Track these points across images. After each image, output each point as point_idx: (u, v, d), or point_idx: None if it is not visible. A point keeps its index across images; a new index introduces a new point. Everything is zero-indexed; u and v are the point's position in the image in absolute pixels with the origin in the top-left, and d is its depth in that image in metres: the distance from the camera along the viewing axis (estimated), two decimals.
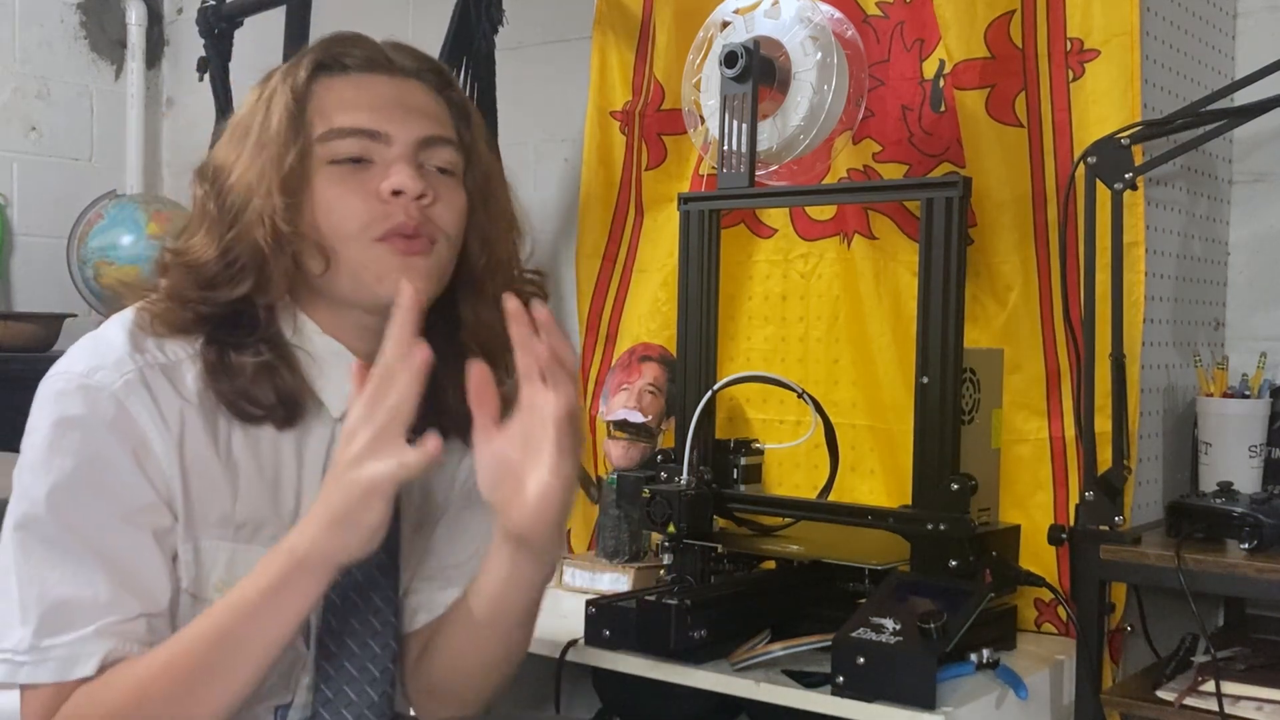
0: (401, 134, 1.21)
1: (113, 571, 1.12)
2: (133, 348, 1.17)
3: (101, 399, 1.13)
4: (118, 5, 3.37)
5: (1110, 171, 1.55)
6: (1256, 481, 1.72)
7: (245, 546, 1.19)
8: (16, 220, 3.17)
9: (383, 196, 1.19)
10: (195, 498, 1.17)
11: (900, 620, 1.41)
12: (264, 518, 1.20)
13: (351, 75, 1.24)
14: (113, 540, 1.13)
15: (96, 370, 1.14)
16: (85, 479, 1.12)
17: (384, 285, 1.19)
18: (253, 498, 1.20)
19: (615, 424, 2.02)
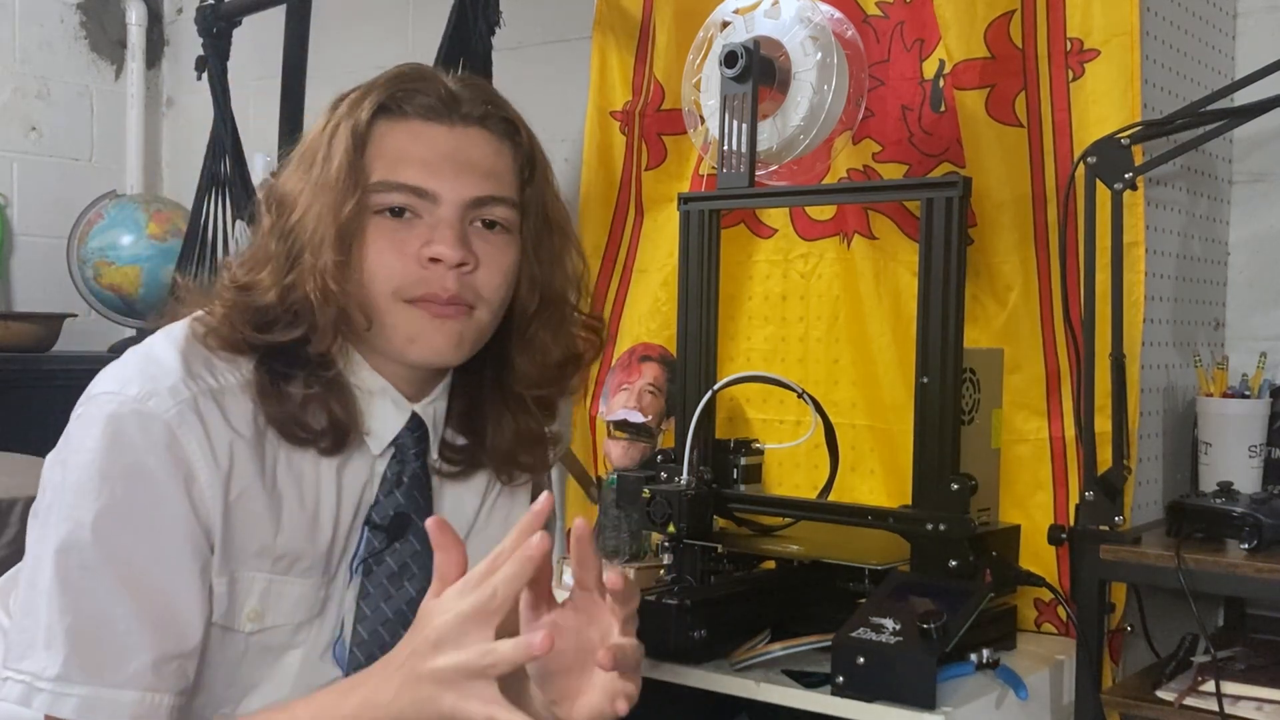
0: (451, 194, 1.18)
1: (151, 609, 1.10)
2: (186, 373, 1.13)
3: (155, 427, 1.10)
4: (118, 5, 3.37)
5: (1110, 171, 1.55)
6: (1256, 481, 1.72)
7: (281, 578, 1.18)
8: (16, 220, 3.17)
9: (421, 261, 1.17)
10: (237, 530, 1.14)
11: (900, 620, 1.41)
12: (301, 550, 1.19)
13: (411, 122, 1.19)
14: (156, 575, 1.10)
15: (151, 396, 1.11)
16: (134, 509, 1.10)
17: (415, 347, 1.19)
18: (293, 530, 1.18)
19: (615, 424, 2.02)
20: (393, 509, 1.24)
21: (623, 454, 2.01)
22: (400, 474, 1.25)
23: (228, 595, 1.15)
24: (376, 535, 1.23)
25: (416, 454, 1.26)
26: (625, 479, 1.87)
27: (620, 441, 2.01)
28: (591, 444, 2.23)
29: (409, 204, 1.17)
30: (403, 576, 1.25)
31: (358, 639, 1.23)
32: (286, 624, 1.20)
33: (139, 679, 1.09)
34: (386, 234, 1.17)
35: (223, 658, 1.17)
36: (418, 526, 1.24)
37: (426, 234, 1.17)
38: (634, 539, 1.96)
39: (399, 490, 1.25)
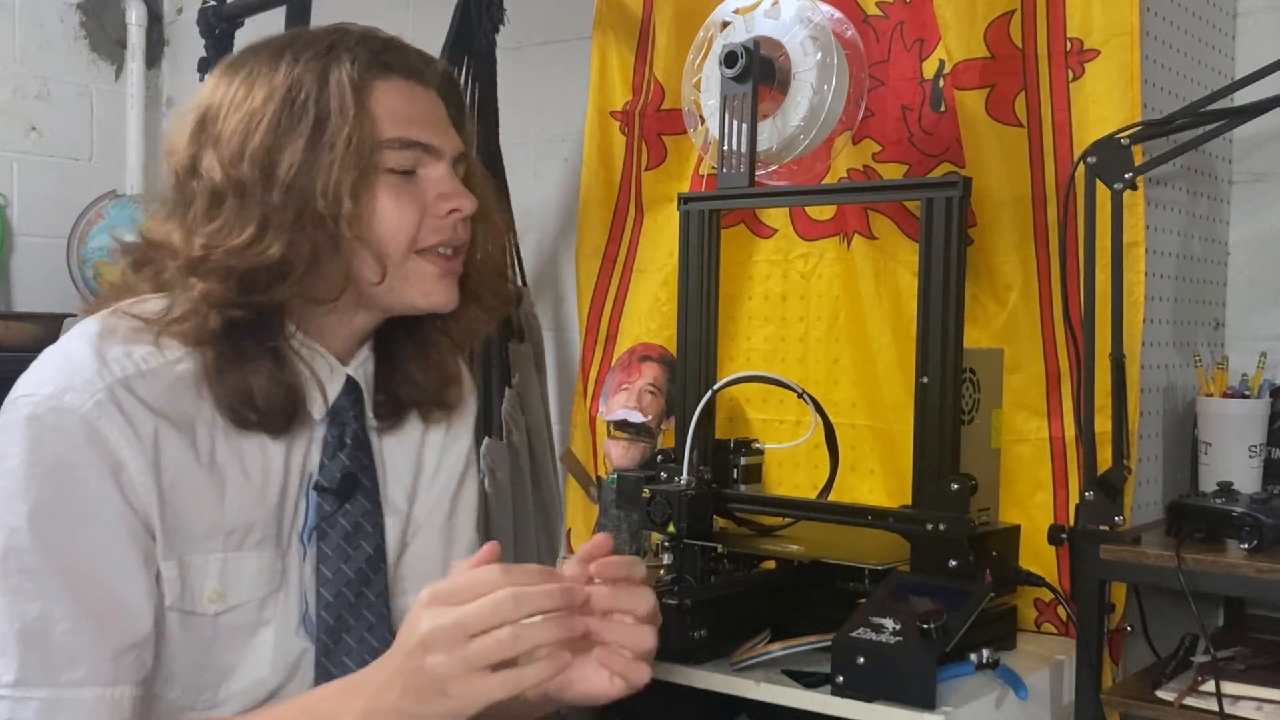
0: (450, 149, 1.24)
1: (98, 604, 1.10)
2: (100, 364, 1.13)
3: (73, 423, 1.10)
4: (118, 5, 3.37)
5: (1110, 171, 1.55)
6: (1256, 481, 1.72)
7: (236, 554, 1.19)
8: (16, 220, 3.17)
9: (438, 212, 1.22)
10: (177, 512, 1.15)
11: (900, 620, 1.41)
12: (251, 522, 1.20)
13: (399, 81, 1.23)
14: (97, 570, 1.11)
15: (66, 392, 1.10)
16: (65, 507, 1.10)
17: (428, 299, 1.24)
18: (239, 504, 1.19)
19: (615, 424, 2.02)
20: (339, 471, 1.26)
21: (623, 454, 2.01)
22: (341, 436, 1.27)
23: (179, 579, 1.16)
24: (326, 499, 1.25)
25: (354, 415, 1.28)
26: (625, 479, 1.87)
27: (620, 441, 2.01)
28: (591, 444, 2.23)
29: (415, 161, 1.22)
30: (358, 536, 1.27)
31: (323, 602, 1.24)
32: (250, 600, 1.20)
33: (96, 675, 1.10)
34: (398, 190, 1.20)
35: (190, 643, 1.18)
36: (365, 486, 1.28)
37: (436, 186, 1.22)
38: (634, 539, 1.97)
39: (343, 452, 1.26)
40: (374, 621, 1.27)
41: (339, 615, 1.24)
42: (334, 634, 1.25)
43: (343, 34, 1.23)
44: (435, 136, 1.23)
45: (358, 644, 1.26)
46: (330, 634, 1.24)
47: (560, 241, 2.57)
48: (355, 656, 1.25)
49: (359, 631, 1.26)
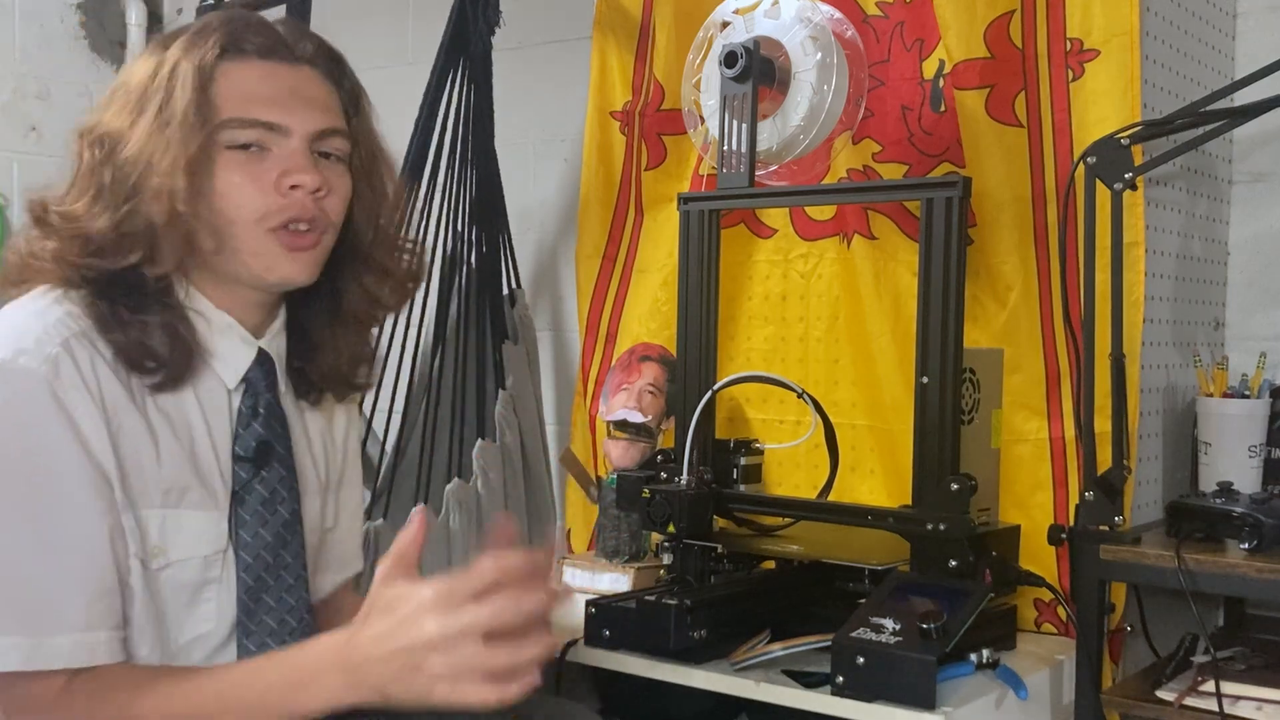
0: (299, 127, 1.25)
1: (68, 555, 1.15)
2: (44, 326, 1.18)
3: (31, 383, 1.14)
4: (118, 5, 3.37)
5: (1110, 171, 1.55)
6: (1256, 481, 1.72)
7: (174, 511, 1.23)
8: (17, 220, 3.16)
9: (280, 189, 1.24)
10: (128, 465, 1.19)
11: (900, 620, 1.41)
12: (186, 482, 1.24)
13: (253, 61, 1.26)
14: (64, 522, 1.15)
15: (19, 354, 1.15)
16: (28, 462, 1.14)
17: (272, 274, 1.27)
18: (173, 461, 1.23)
19: (615, 424, 2.02)
20: (254, 440, 1.30)
21: (623, 454, 2.01)
22: (255, 406, 1.31)
23: (137, 530, 1.20)
24: (242, 466, 1.29)
25: (267, 385, 1.32)
26: (625, 479, 1.87)
27: (620, 441, 2.01)
28: (591, 444, 2.23)
29: (259, 139, 1.24)
30: (274, 501, 1.31)
31: (242, 564, 1.28)
32: (191, 557, 1.24)
33: (72, 622, 1.14)
34: (239, 167, 1.23)
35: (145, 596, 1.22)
36: (280, 454, 1.32)
37: (280, 164, 1.24)
38: (634, 539, 1.97)
39: (257, 421, 1.31)
40: (291, 582, 1.32)
41: (258, 576, 1.29)
42: (254, 594, 1.29)
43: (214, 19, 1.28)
44: (282, 114, 1.24)
45: (276, 603, 1.30)
46: (250, 594, 1.28)
47: (560, 241, 2.56)
48: (274, 615, 1.30)
49: (277, 591, 1.30)
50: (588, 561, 1.99)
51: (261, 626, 1.29)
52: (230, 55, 1.25)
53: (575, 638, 1.62)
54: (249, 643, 1.28)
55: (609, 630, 1.58)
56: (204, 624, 1.26)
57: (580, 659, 1.61)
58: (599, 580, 1.94)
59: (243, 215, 1.23)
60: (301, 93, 1.27)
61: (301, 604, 1.32)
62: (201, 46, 1.24)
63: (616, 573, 1.93)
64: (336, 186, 1.29)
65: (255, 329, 1.32)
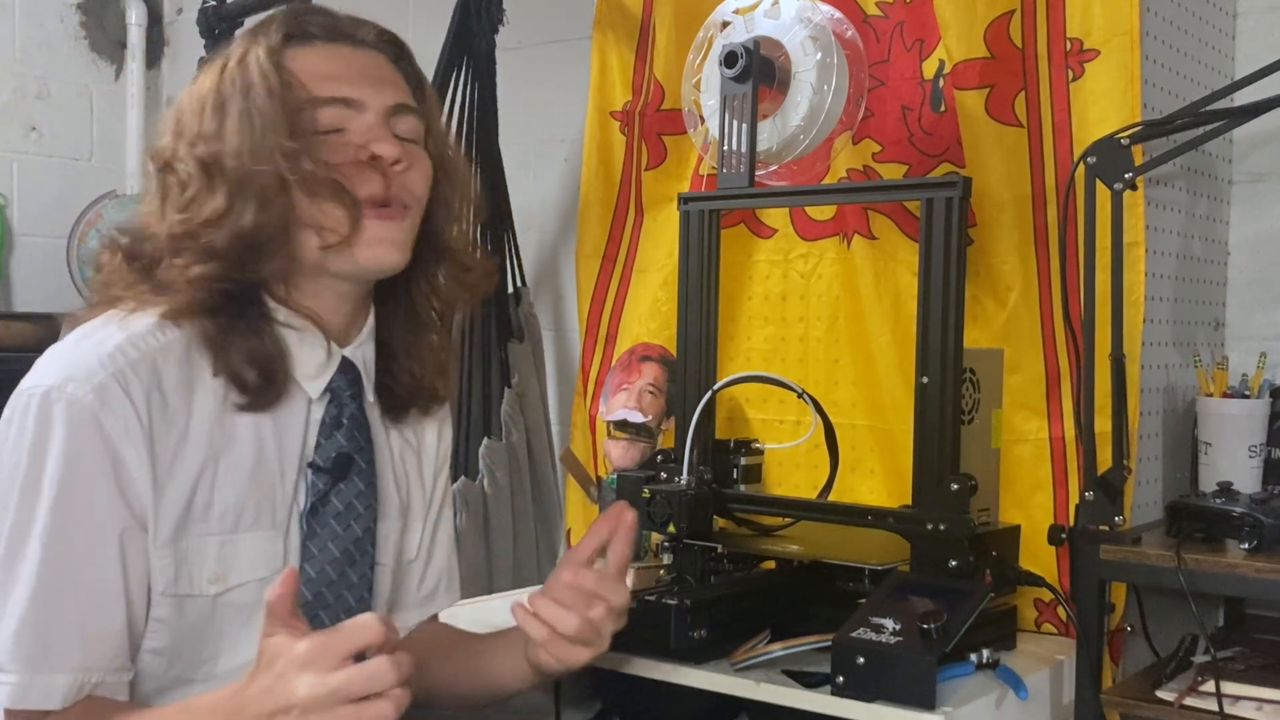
0: (374, 101, 1.24)
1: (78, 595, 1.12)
2: (100, 354, 1.15)
3: (76, 412, 1.12)
4: (118, 5, 3.37)
5: (1110, 171, 1.55)
6: (1256, 481, 1.72)
7: (231, 536, 1.20)
8: (16, 220, 3.17)
9: (359, 160, 1.22)
10: (172, 498, 1.16)
11: (900, 620, 1.41)
12: (242, 503, 1.21)
13: (318, 45, 1.25)
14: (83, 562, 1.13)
15: (69, 381, 1.13)
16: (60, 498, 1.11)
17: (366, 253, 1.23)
18: (234, 484, 1.20)
19: (615, 424, 2.02)
20: (334, 450, 1.27)
21: (623, 454, 2.01)
22: (339, 416, 1.28)
23: (173, 566, 1.17)
24: (320, 478, 1.26)
25: (352, 395, 1.29)
26: (625, 479, 1.87)
27: (620, 441, 2.01)
28: (591, 444, 2.23)
29: (340, 118, 1.22)
30: (349, 516, 1.28)
31: (305, 577, 1.24)
32: (251, 580, 1.22)
33: (68, 661, 1.12)
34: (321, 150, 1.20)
35: (188, 625, 1.19)
36: (360, 466, 1.29)
37: (359, 138, 1.22)
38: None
39: (339, 432, 1.27)
40: (353, 604, 1.28)
41: (318, 592, 1.25)
42: (310, 610, 1.25)
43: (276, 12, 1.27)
44: (356, 90, 1.23)
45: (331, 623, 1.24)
46: (307, 609, 1.24)
47: (560, 241, 2.57)
48: None
49: (336, 611, 1.26)
50: None
51: None
52: (296, 41, 1.24)
53: None
54: None
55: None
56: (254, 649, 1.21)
57: None
58: None
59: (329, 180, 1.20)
60: (370, 71, 1.26)
61: None
62: (266, 36, 1.23)
63: None
64: (416, 163, 1.26)
65: (341, 335, 1.28)
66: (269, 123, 1.18)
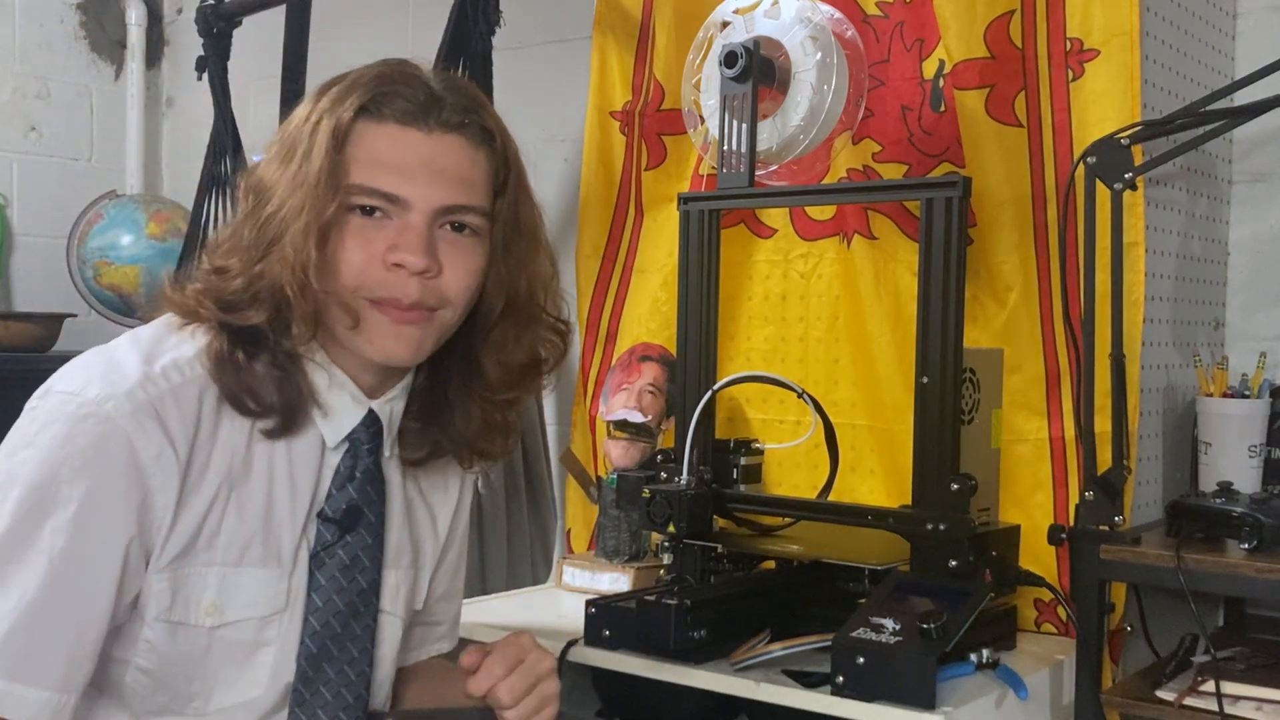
0: (422, 202, 1.18)
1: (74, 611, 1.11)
2: (144, 375, 1.14)
3: (110, 431, 1.10)
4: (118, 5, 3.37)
5: (1110, 171, 1.55)
6: (1256, 481, 1.72)
7: (234, 569, 1.19)
8: (16, 220, 3.17)
9: (386, 264, 1.18)
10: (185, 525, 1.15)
11: (900, 620, 1.41)
12: (251, 539, 1.20)
13: (388, 126, 1.19)
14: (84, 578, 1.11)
15: (109, 399, 1.11)
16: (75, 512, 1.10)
17: (373, 348, 1.20)
18: (243, 517, 1.19)
19: (615, 424, 2.02)
20: (345, 502, 1.25)
21: (623, 454, 2.01)
22: (353, 468, 1.26)
23: (170, 591, 1.16)
24: (328, 528, 1.24)
25: (370, 449, 1.27)
26: (625, 479, 1.87)
27: (620, 441, 2.01)
28: (591, 444, 2.23)
29: (381, 206, 1.18)
30: (354, 569, 1.26)
31: (309, 630, 1.23)
32: (250, 618, 1.20)
33: (50, 678, 1.10)
34: (357, 232, 1.18)
35: (179, 654, 1.18)
36: (369, 520, 1.27)
37: (394, 237, 1.18)
38: (634, 539, 1.97)
39: (351, 484, 1.26)
40: (355, 655, 1.27)
41: (323, 644, 1.24)
42: (315, 663, 1.24)
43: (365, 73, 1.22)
44: (405, 186, 1.18)
45: (336, 675, 1.25)
46: (311, 662, 1.24)
47: (560, 241, 2.56)
48: (331, 688, 1.25)
49: (340, 663, 1.26)
50: (588, 561, 1.99)
51: (317, 697, 1.24)
52: (368, 115, 1.19)
53: (575, 638, 1.62)
54: (301, 712, 1.24)
55: (609, 630, 1.58)
56: (253, 689, 1.21)
57: (580, 659, 1.61)
58: (599, 580, 1.94)
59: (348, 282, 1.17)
60: (434, 164, 1.19)
61: (361, 679, 1.27)
62: (343, 103, 1.18)
63: (616, 573, 1.93)
64: (458, 262, 1.21)
65: (371, 390, 1.26)
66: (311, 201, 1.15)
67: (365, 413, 1.26)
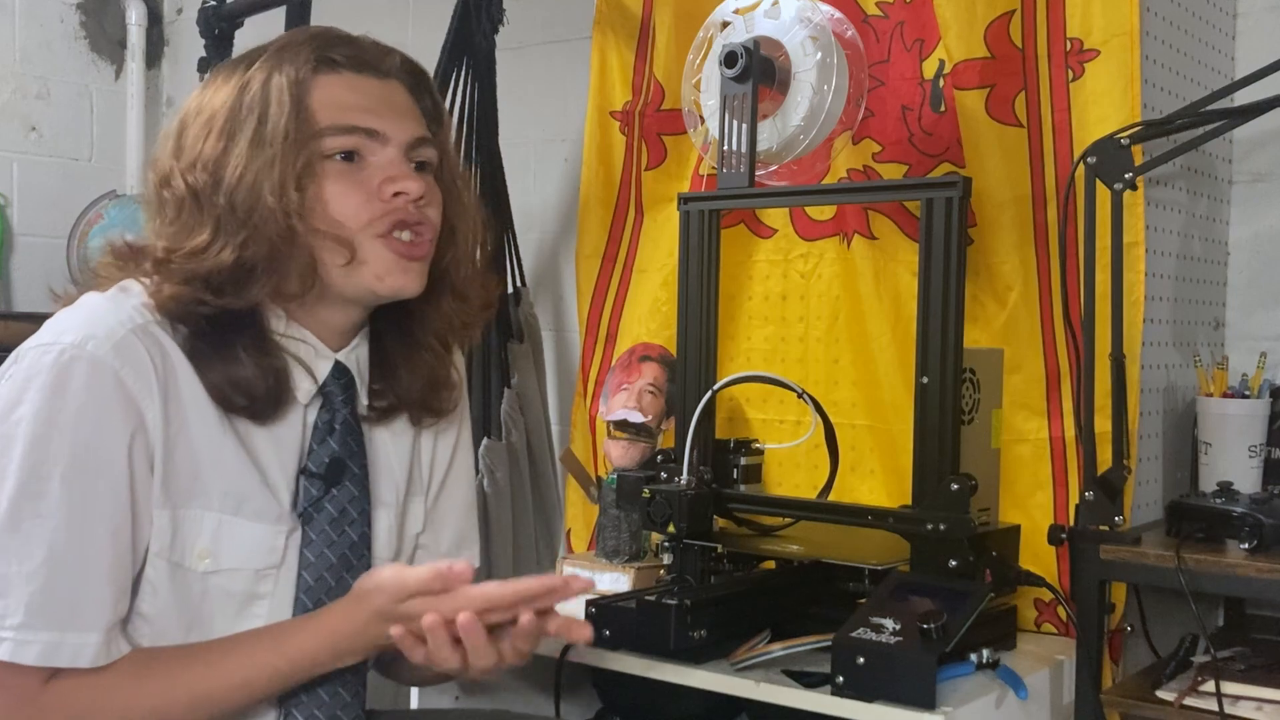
0: (396, 134, 1.25)
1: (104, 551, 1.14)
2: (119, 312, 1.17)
3: (97, 369, 1.13)
4: (118, 5, 3.37)
5: (1110, 171, 1.55)
6: (1256, 481, 1.72)
7: (231, 518, 1.21)
8: (16, 220, 3.17)
9: (384, 195, 1.23)
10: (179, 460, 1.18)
11: (900, 620, 1.41)
12: (245, 492, 1.22)
13: (344, 74, 1.26)
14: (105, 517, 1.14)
15: (89, 340, 1.14)
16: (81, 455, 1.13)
17: (383, 283, 1.25)
18: (233, 468, 1.21)
19: (615, 424, 2.02)
20: (327, 456, 1.27)
21: (623, 454, 2.01)
22: (331, 421, 1.28)
23: (170, 529, 1.18)
24: (313, 483, 1.27)
25: (344, 400, 1.30)
26: (625, 479, 1.87)
27: (620, 441, 2.01)
28: (591, 444, 2.23)
29: (359, 146, 1.23)
30: (343, 522, 1.28)
31: (303, 585, 1.26)
32: (244, 568, 1.22)
33: (100, 620, 1.14)
34: (343, 176, 1.23)
35: (176, 598, 1.20)
36: (353, 472, 1.29)
37: (381, 172, 1.24)
38: (634, 539, 1.96)
39: (331, 437, 1.28)
40: None
41: (318, 599, 1.26)
42: None
43: (298, 35, 1.28)
44: (379, 122, 1.24)
45: None
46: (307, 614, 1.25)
47: (560, 241, 2.56)
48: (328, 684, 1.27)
49: None
50: (588, 561, 1.99)
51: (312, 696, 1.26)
52: (324, 68, 1.25)
53: None
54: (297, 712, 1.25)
55: (609, 630, 1.58)
56: None
57: (580, 659, 1.61)
58: (599, 580, 1.94)
59: (350, 223, 1.22)
60: (393, 102, 1.27)
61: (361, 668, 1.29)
62: (293, 61, 1.23)
63: (616, 573, 1.93)
64: (433, 197, 1.29)
65: (335, 343, 1.30)
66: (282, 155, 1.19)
67: (331, 365, 1.29)
